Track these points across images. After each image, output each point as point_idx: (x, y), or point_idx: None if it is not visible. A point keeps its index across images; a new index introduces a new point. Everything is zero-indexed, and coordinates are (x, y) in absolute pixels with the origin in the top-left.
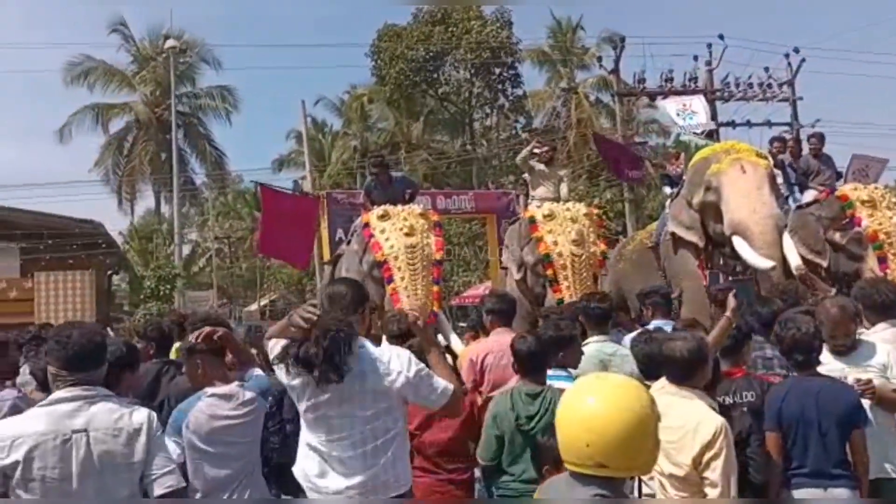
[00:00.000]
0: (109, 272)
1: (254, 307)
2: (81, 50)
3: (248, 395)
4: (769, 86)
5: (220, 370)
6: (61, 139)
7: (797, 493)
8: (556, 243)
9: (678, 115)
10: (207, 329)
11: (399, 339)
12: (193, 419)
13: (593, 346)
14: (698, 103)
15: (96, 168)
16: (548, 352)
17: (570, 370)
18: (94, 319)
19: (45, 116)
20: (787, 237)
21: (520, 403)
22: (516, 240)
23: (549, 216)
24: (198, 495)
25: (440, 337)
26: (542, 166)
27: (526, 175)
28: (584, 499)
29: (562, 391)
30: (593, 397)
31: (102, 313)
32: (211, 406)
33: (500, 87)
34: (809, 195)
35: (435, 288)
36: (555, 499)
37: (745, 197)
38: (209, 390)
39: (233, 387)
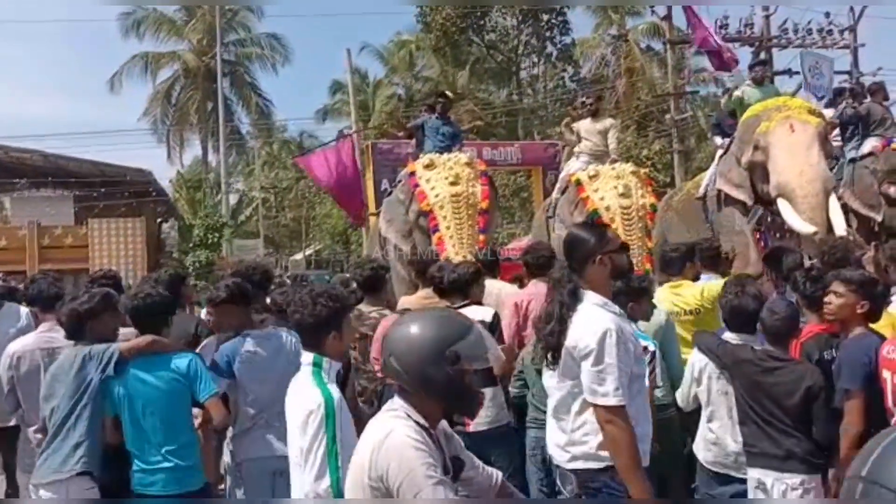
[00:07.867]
0: (159, 220)
1: (299, 256)
2: None
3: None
4: (829, 32)
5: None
6: (112, 88)
7: None
8: (602, 199)
9: (809, 70)
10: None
11: (441, 290)
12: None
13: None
14: (828, 66)
15: (145, 117)
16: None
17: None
18: (145, 266)
19: (96, 67)
20: (833, 200)
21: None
22: (566, 207)
23: (595, 176)
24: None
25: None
26: (586, 121)
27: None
28: None
29: None
30: None
31: (153, 260)
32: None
33: (548, 34)
34: (867, 146)
35: (481, 237)
36: None
37: (793, 158)
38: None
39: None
